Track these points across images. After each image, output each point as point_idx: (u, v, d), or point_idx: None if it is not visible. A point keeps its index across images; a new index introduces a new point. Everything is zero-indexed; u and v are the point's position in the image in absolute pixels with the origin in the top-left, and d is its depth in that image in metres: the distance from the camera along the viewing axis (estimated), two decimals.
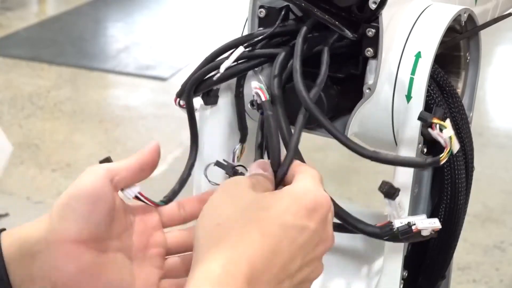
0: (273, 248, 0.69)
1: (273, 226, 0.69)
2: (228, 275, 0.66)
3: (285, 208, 0.70)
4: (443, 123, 0.80)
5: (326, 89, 0.87)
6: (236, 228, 0.69)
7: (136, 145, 3.48)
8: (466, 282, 2.61)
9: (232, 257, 0.67)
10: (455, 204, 0.92)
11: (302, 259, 0.71)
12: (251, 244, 0.68)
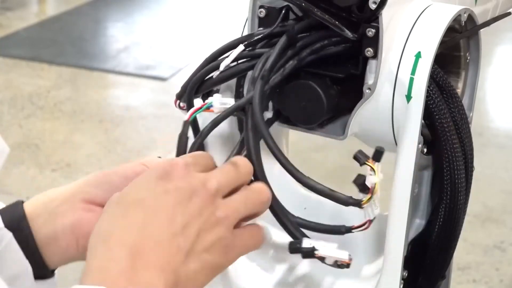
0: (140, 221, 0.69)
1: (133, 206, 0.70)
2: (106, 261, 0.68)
3: (138, 186, 0.72)
4: (374, 168, 0.81)
5: (326, 89, 0.87)
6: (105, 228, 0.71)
7: (136, 145, 3.48)
8: (466, 282, 2.61)
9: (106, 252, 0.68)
10: (455, 204, 0.92)
11: (181, 216, 0.70)
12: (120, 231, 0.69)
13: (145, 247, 0.68)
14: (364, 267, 1.00)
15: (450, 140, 0.90)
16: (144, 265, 0.67)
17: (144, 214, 0.69)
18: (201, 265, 0.71)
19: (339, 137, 0.90)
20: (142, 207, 0.70)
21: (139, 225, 0.69)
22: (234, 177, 0.75)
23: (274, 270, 1.03)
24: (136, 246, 0.68)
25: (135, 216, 0.69)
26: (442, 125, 0.89)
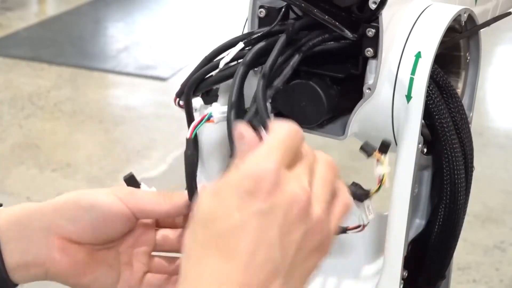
0: (232, 255, 0.63)
1: (223, 237, 0.63)
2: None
3: (225, 209, 0.63)
4: (381, 158, 0.80)
5: (326, 89, 0.87)
6: (194, 257, 0.64)
7: (136, 145, 3.48)
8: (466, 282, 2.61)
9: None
10: (455, 204, 0.92)
11: (278, 238, 0.63)
12: (208, 265, 0.63)
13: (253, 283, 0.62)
14: (364, 267, 1.00)
15: (450, 140, 0.90)
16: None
17: (238, 243, 0.62)
18: (299, 278, 0.66)
19: (339, 137, 0.90)
20: (236, 234, 0.63)
21: (241, 261, 0.62)
22: (311, 168, 0.68)
23: None
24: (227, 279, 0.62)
25: (230, 247, 0.63)
26: (442, 125, 0.89)
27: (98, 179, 3.14)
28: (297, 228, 0.64)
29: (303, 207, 0.64)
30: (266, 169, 0.63)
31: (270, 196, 0.63)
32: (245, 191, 0.63)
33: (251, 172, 0.63)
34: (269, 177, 0.63)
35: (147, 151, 3.41)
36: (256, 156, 0.64)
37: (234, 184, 0.64)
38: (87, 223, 0.81)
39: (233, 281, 0.62)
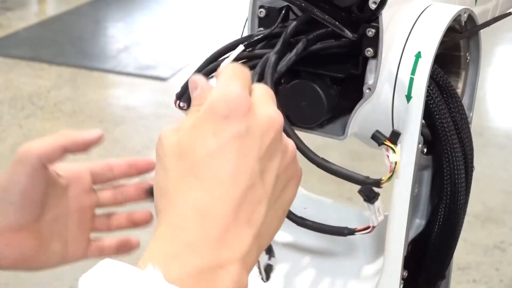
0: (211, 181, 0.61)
1: (201, 163, 0.62)
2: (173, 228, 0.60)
3: (201, 136, 0.62)
4: (393, 146, 0.80)
5: (326, 89, 0.87)
6: (171, 192, 0.63)
7: (136, 145, 3.48)
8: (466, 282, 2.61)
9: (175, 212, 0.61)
10: (455, 204, 0.92)
11: (257, 162, 0.62)
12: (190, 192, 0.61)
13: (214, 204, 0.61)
14: (364, 267, 1.00)
15: (450, 140, 0.90)
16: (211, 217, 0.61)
17: (213, 170, 0.61)
18: (279, 209, 0.65)
19: (339, 137, 0.90)
20: (213, 159, 0.61)
21: (224, 188, 0.61)
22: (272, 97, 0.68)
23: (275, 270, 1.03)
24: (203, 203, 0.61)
25: (207, 172, 0.61)
26: (442, 125, 0.89)
27: None
28: (275, 154, 0.64)
29: (279, 130, 0.64)
30: (236, 92, 0.63)
31: (245, 118, 0.62)
32: (219, 115, 0.62)
33: (221, 96, 0.63)
34: (241, 99, 0.63)
35: (147, 151, 3.41)
36: (220, 86, 0.64)
37: (204, 112, 0.63)
38: (15, 206, 0.83)
39: (219, 211, 0.61)
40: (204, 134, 0.62)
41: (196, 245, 0.59)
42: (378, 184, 0.80)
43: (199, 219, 0.60)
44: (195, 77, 0.68)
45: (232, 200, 0.61)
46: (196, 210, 0.60)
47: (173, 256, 0.59)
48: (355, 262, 1.01)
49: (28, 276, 2.54)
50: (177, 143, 0.64)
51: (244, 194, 0.61)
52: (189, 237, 0.60)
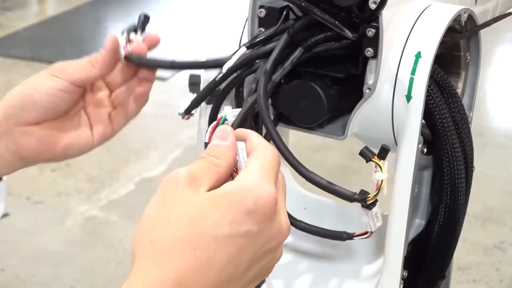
0: (205, 261, 0.64)
1: (206, 240, 0.65)
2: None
3: (219, 217, 0.65)
4: (380, 164, 0.81)
5: (326, 89, 0.87)
6: (167, 246, 0.65)
7: (136, 145, 3.48)
8: (466, 282, 2.61)
9: (158, 275, 0.63)
10: (455, 204, 0.92)
11: (247, 261, 0.67)
12: (181, 261, 0.64)
13: (196, 284, 0.64)
14: (364, 267, 1.00)
15: (450, 140, 0.90)
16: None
17: (211, 252, 0.64)
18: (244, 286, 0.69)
19: (339, 137, 0.90)
20: (217, 242, 0.65)
21: (200, 260, 0.64)
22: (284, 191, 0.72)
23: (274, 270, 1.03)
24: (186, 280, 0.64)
25: (205, 251, 0.64)
26: (443, 125, 0.89)
27: (98, 179, 3.14)
28: (266, 257, 0.68)
29: (282, 241, 0.69)
30: (268, 194, 0.66)
31: (263, 223, 0.66)
32: (244, 208, 0.65)
33: (255, 192, 0.66)
34: (270, 203, 0.66)
35: (147, 151, 3.41)
36: (257, 176, 0.67)
37: (231, 193, 0.66)
38: (35, 105, 0.89)
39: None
40: (221, 216, 0.65)
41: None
42: (364, 201, 0.81)
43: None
44: (227, 127, 0.72)
45: (208, 283, 0.65)
46: (176, 283, 0.63)
47: None
48: (355, 262, 1.01)
49: (28, 276, 2.55)
50: (192, 205, 0.66)
51: (221, 285, 0.65)
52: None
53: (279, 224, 0.68)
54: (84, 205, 2.96)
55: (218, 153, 0.69)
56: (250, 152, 0.71)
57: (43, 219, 2.85)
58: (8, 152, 0.91)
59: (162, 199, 0.67)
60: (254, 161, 0.69)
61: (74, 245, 2.71)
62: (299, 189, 1.07)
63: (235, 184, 0.67)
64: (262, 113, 0.81)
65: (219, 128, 0.71)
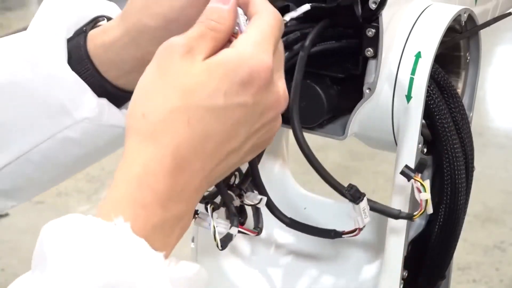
0: (201, 133, 0.62)
1: (199, 111, 0.62)
2: (148, 174, 0.61)
3: (214, 88, 0.62)
4: (424, 184, 0.83)
5: (326, 89, 0.87)
6: (160, 120, 0.62)
7: None
8: (466, 282, 2.61)
9: (154, 152, 0.61)
10: (455, 204, 0.92)
11: (245, 132, 0.65)
12: (176, 135, 0.62)
13: (195, 157, 0.62)
14: (364, 267, 1.00)
15: (451, 140, 0.90)
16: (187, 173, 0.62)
17: (207, 124, 0.62)
18: (242, 158, 0.67)
19: (339, 137, 0.90)
20: (212, 114, 0.62)
21: (205, 138, 0.62)
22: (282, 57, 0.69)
23: (275, 270, 1.03)
24: (184, 153, 0.62)
25: (200, 123, 0.62)
26: (443, 125, 0.89)
27: (98, 179, 3.14)
28: (264, 128, 0.66)
29: (280, 111, 0.67)
30: (264, 64, 0.64)
31: (258, 93, 0.64)
32: (238, 79, 0.63)
33: (249, 61, 0.63)
34: (265, 73, 0.64)
35: None
36: (255, 44, 0.64)
37: (226, 63, 0.63)
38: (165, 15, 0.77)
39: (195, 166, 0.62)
40: (215, 87, 0.63)
41: (164, 197, 0.61)
42: (411, 217, 0.85)
43: (173, 171, 0.61)
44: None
45: (210, 162, 0.63)
46: (174, 158, 0.61)
47: (142, 206, 0.60)
48: (355, 263, 1.01)
49: None
50: (186, 76, 0.63)
51: (222, 160, 0.64)
52: (160, 187, 0.61)
53: (276, 94, 0.66)
54: (84, 205, 2.96)
55: (218, 17, 0.65)
56: (252, 15, 0.67)
57: (43, 219, 2.85)
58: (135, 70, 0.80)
59: (157, 70, 0.64)
60: (254, 26, 0.66)
61: None
62: (299, 189, 1.07)
63: (230, 52, 0.64)
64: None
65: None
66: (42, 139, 0.79)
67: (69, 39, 0.82)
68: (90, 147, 0.81)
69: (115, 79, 0.81)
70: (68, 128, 0.79)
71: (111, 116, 0.80)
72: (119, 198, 0.60)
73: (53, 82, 0.78)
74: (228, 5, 0.66)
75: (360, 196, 0.82)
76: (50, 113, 0.78)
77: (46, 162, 0.81)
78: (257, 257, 1.02)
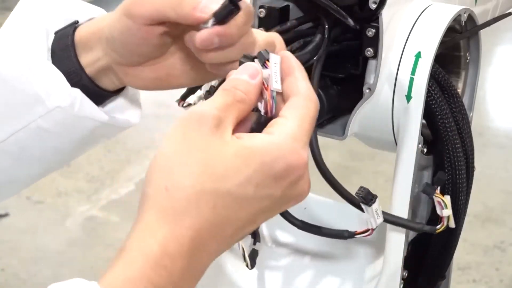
0: (223, 219, 0.61)
1: (227, 199, 0.61)
2: (166, 255, 0.59)
3: (247, 177, 0.61)
4: (445, 200, 0.87)
5: (326, 89, 0.87)
6: (184, 199, 0.60)
7: (136, 144, 3.48)
8: (466, 282, 2.61)
9: (174, 233, 0.60)
10: (456, 204, 0.92)
11: (264, 219, 0.64)
12: (199, 218, 0.60)
13: (213, 240, 0.62)
14: (364, 267, 1.00)
15: (452, 140, 0.90)
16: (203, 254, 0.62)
17: (231, 211, 0.61)
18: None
19: (339, 137, 0.90)
20: (239, 202, 0.61)
21: (220, 218, 0.61)
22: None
23: (275, 271, 1.03)
24: (203, 237, 0.61)
25: (225, 209, 0.61)
26: (444, 124, 0.89)
27: (98, 179, 3.14)
28: (279, 211, 0.66)
29: (299, 202, 0.66)
30: (301, 161, 0.63)
31: (288, 188, 0.63)
32: (273, 174, 0.62)
33: (287, 158, 0.62)
34: (299, 170, 0.63)
35: (147, 151, 3.41)
36: (294, 137, 0.63)
37: (265, 159, 0.61)
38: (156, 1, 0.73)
39: (210, 249, 0.62)
40: (248, 177, 0.61)
41: (178, 278, 0.60)
42: (434, 231, 0.88)
43: (190, 253, 0.60)
44: (257, 66, 0.65)
45: (226, 244, 0.63)
46: (193, 240, 0.60)
47: (154, 286, 0.59)
48: (355, 262, 1.01)
49: (28, 276, 2.55)
50: (218, 157, 0.61)
51: (236, 240, 0.64)
52: (176, 269, 0.60)
53: (301, 188, 0.65)
54: (84, 205, 2.96)
55: (245, 90, 0.64)
56: (290, 95, 0.65)
57: (43, 219, 2.85)
58: (115, 85, 0.79)
59: (184, 141, 0.61)
60: (295, 113, 0.64)
61: (74, 245, 2.71)
62: None
63: (268, 141, 0.62)
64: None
65: (248, 64, 0.64)
66: (17, 128, 0.79)
67: (60, 29, 0.82)
68: (64, 139, 0.80)
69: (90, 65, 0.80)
70: (41, 117, 0.78)
71: (84, 107, 0.78)
72: (133, 276, 0.59)
73: (29, 71, 0.78)
74: (255, 80, 0.64)
75: (372, 198, 0.82)
76: (25, 102, 0.78)
77: (23, 154, 0.81)
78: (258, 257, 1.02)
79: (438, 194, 0.86)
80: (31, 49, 0.79)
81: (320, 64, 0.84)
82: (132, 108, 0.83)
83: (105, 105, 0.81)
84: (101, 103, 0.81)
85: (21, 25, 0.82)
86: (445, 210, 0.86)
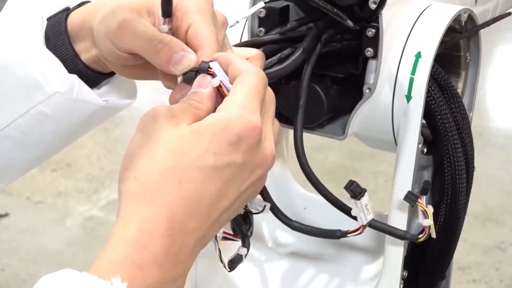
0: (194, 194, 0.64)
1: (191, 172, 0.64)
2: (144, 235, 0.62)
3: (204, 149, 0.64)
4: (427, 210, 0.86)
5: (326, 89, 0.87)
6: (152, 181, 0.64)
7: None
8: (466, 282, 2.61)
9: (149, 212, 0.63)
10: (456, 204, 0.92)
11: (235, 191, 0.66)
12: (169, 195, 0.63)
13: (190, 217, 0.64)
14: (364, 267, 1.00)
15: (452, 140, 0.90)
16: (183, 234, 0.64)
17: (199, 184, 0.64)
18: (231, 216, 0.69)
19: (339, 137, 0.90)
20: (203, 174, 0.64)
21: (197, 200, 0.64)
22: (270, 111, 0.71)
23: (275, 271, 1.03)
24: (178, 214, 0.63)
25: (192, 183, 0.64)
26: (444, 125, 0.89)
27: (98, 179, 3.14)
28: (253, 186, 0.68)
29: (267, 170, 0.68)
30: (251, 124, 0.66)
31: (247, 152, 0.66)
32: (227, 139, 0.65)
33: (238, 121, 0.65)
34: (253, 133, 0.65)
35: None
36: (241, 103, 0.66)
37: (214, 124, 0.65)
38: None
39: (190, 227, 0.64)
40: (205, 147, 0.64)
41: (161, 258, 0.62)
42: (416, 239, 0.88)
43: (169, 232, 0.63)
44: (206, 76, 0.69)
45: (205, 222, 0.65)
46: (169, 218, 0.63)
47: (139, 267, 0.61)
48: (355, 263, 1.01)
49: (28, 276, 2.55)
50: (174, 138, 0.65)
51: (215, 220, 0.66)
52: (157, 249, 0.62)
53: (263, 153, 0.67)
54: (84, 205, 2.96)
55: (199, 98, 0.68)
56: (234, 76, 0.69)
57: (43, 219, 2.85)
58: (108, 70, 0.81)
59: (143, 134, 0.67)
60: (238, 88, 0.68)
61: (74, 245, 2.71)
62: (299, 189, 1.07)
63: (217, 115, 0.66)
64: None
65: (199, 77, 0.70)
66: (18, 114, 0.81)
67: (52, 16, 0.83)
68: (64, 123, 0.82)
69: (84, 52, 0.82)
70: (42, 103, 0.80)
71: (82, 92, 0.81)
72: (116, 259, 0.61)
73: (28, 58, 0.79)
74: (207, 88, 0.69)
75: (361, 192, 0.82)
76: (25, 88, 0.80)
77: (24, 138, 0.82)
78: (257, 257, 1.02)
79: (421, 203, 0.86)
80: (28, 35, 0.81)
81: (311, 66, 0.85)
82: (128, 88, 0.86)
83: (100, 87, 0.83)
84: (96, 85, 0.83)
85: (16, 12, 0.83)
86: (425, 220, 0.87)
